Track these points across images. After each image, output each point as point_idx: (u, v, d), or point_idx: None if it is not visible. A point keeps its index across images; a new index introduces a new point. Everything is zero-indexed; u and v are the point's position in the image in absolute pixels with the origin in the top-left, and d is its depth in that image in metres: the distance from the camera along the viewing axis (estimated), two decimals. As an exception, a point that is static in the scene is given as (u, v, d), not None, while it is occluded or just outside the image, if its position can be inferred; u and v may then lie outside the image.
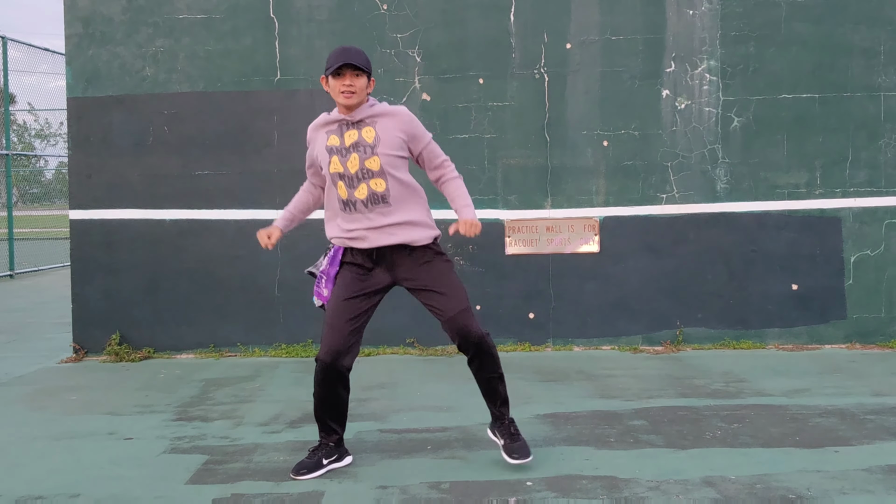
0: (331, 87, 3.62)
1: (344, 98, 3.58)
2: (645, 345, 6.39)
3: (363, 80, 3.60)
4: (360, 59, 3.57)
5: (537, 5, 6.34)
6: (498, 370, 3.76)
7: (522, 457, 3.70)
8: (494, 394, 3.80)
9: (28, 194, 29.71)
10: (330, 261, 3.79)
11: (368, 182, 3.59)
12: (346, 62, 3.54)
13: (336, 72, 3.57)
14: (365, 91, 3.62)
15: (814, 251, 6.35)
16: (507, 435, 3.79)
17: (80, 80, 6.45)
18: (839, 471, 3.65)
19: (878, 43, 6.30)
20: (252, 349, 6.44)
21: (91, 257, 6.47)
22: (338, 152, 3.63)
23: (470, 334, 3.63)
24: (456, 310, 3.62)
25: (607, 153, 6.37)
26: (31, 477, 3.77)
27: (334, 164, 3.62)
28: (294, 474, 3.66)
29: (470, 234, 3.64)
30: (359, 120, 3.63)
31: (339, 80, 3.58)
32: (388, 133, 3.63)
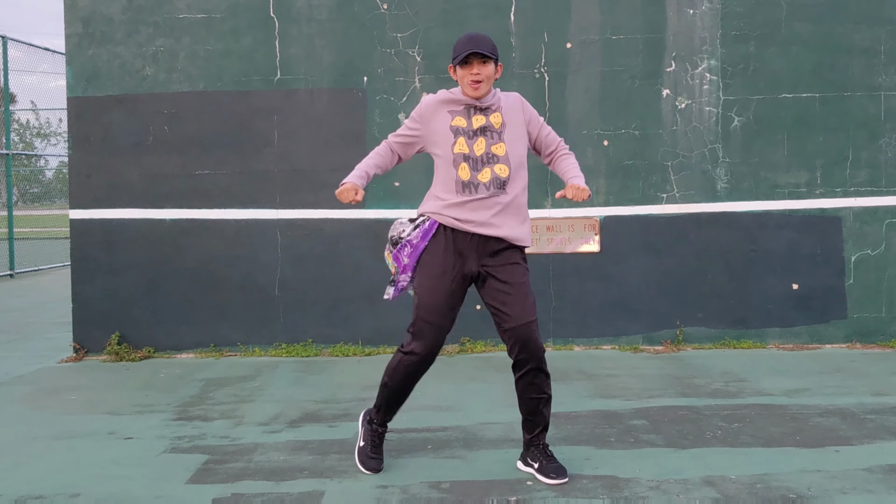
0: (458, 76, 3.57)
1: (472, 89, 3.54)
2: (645, 344, 6.39)
3: (490, 67, 3.55)
4: (487, 47, 3.51)
5: (537, 5, 6.34)
6: (548, 391, 3.62)
7: (560, 476, 3.55)
8: (538, 417, 3.63)
9: (28, 194, 29.72)
10: (422, 234, 3.61)
11: (493, 167, 3.55)
12: (473, 50, 3.48)
13: (464, 60, 3.52)
14: (493, 78, 3.58)
15: (814, 251, 6.35)
16: (542, 456, 3.64)
17: (80, 80, 6.45)
18: (840, 470, 3.65)
19: (879, 42, 6.29)
20: (252, 349, 6.44)
21: (91, 257, 6.47)
22: (465, 133, 3.57)
23: (534, 346, 3.53)
24: (527, 318, 3.53)
25: (608, 153, 6.37)
26: (32, 476, 3.77)
27: (460, 145, 3.55)
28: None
29: (578, 198, 3.53)
30: (487, 106, 3.60)
31: (466, 68, 3.53)
32: (514, 121, 3.63)
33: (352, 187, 3.58)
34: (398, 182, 6.37)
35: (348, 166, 6.50)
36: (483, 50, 3.49)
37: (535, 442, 3.68)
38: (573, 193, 3.55)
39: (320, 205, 6.40)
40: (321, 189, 6.38)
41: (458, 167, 3.55)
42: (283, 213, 6.42)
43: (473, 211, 3.54)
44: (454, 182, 3.56)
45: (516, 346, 3.54)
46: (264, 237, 6.43)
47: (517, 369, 3.59)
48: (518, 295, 3.55)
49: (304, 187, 6.41)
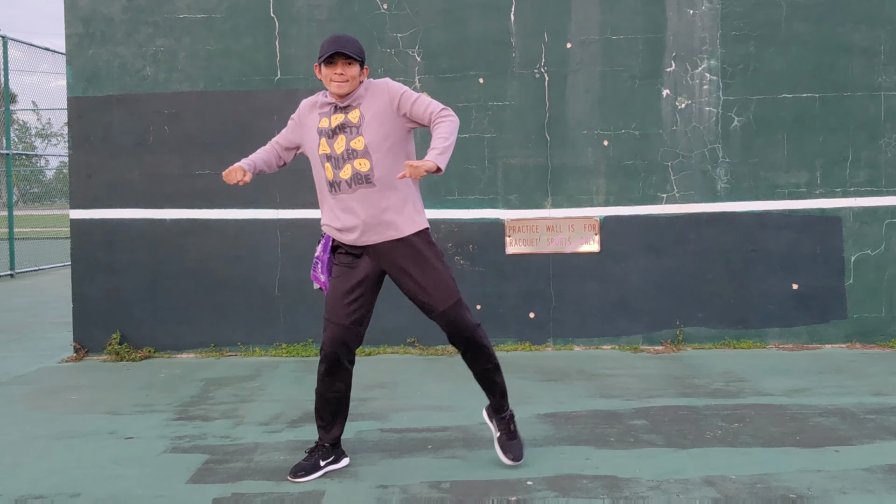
0: (323, 75, 3.60)
1: (335, 87, 3.56)
2: (645, 344, 6.39)
3: (355, 68, 3.57)
4: (351, 48, 3.54)
5: (537, 5, 6.34)
6: (492, 361, 3.76)
7: (516, 457, 3.75)
8: (492, 385, 3.81)
9: (29, 194, 29.71)
10: (323, 247, 3.80)
11: (353, 162, 3.58)
12: (337, 50, 3.51)
13: (328, 60, 3.55)
14: (357, 79, 3.59)
15: (814, 251, 6.35)
16: (504, 430, 3.82)
17: (80, 80, 6.45)
18: (840, 470, 3.65)
19: (879, 42, 6.29)
20: (252, 349, 6.44)
21: (91, 257, 6.47)
22: (326, 134, 3.62)
23: (462, 326, 3.64)
24: (446, 303, 3.61)
25: (608, 153, 6.37)
26: (32, 476, 3.77)
27: (322, 146, 3.62)
28: (291, 477, 3.65)
29: (412, 175, 3.35)
30: (347, 104, 3.62)
31: (330, 68, 3.56)
32: (373, 109, 3.60)
33: (240, 168, 3.64)
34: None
35: (348, 166, 6.51)
36: (348, 51, 3.51)
37: (500, 407, 3.85)
38: (408, 171, 3.35)
39: (320, 205, 6.40)
40: (321, 189, 6.38)
41: (323, 167, 3.64)
42: (283, 213, 6.42)
43: (345, 212, 3.63)
44: (325, 183, 3.67)
45: (446, 330, 3.68)
46: (265, 237, 6.43)
47: (457, 349, 3.74)
48: (430, 282, 3.61)
49: (305, 187, 6.38)
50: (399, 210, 3.62)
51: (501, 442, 3.81)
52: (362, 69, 3.63)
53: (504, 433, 3.82)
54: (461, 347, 3.71)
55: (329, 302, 3.70)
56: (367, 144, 3.56)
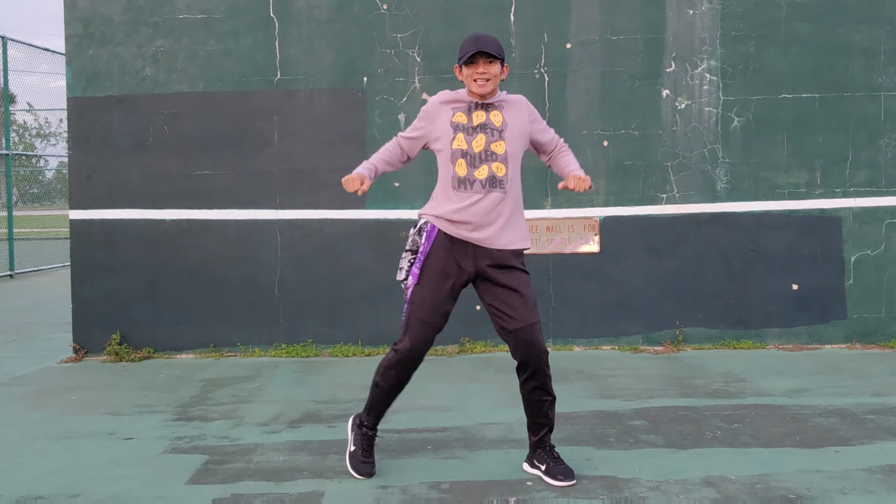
0: (464, 75, 3.57)
1: (478, 86, 3.54)
2: (645, 345, 6.39)
3: (496, 66, 3.56)
4: (493, 47, 3.53)
5: (537, 5, 6.34)
6: (552, 393, 3.63)
7: (568, 479, 3.55)
8: (543, 419, 3.64)
9: (28, 194, 29.72)
10: (426, 237, 3.61)
11: (491, 164, 3.54)
12: (479, 49, 3.49)
13: (469, 60, 3.53)
14: (498, 78, 3.58)
15: (814, 251, 6.35)
16: (549, 458, 3.64)
17: (80, 80, 6.45)
18: (839, 471, 3.65)
19: (878, 43, 6.29)
20: (252, 349, 6.44)
21: (91, 257, 6.47)
22: (464, 130, 3.57)
23: (537, 349, 3.52)
24: (530, 320, 3.52)
25: (607, 153, 6.37)
26: (31, 477, 3.77)
27: (458, 141, 3.56)
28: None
29: (580, 188, 3.55)
30: (489, 103, 3.60)
31: (472, 67, 3.54)
32: (515, 120, 3.61)
33: (358, 177, 3.59)
34: (398, 182, 6.37)
35: (348, 167, 6.49)
36: (489, 49, 3.50)
37: (542, 444, 3.67)
38: (574, 183, 3.56)
39: (320, 205, 6.41)
40: (321, 189, 6.39)
41: (455, 163, 3.56)
42: (283, 213, 6.42)
43: (470, 211, 3.53)
44: (452, 179, 3.57)
45: (519, 349, 3.53)
46: (264, 237, 6.43)
47: (521, 372, 3.59)
48: (519, 297, 3.54)
49: (305, 188, 6.41)
50: (517, 223, 3.62)
51: (550, 471, 3.60)
52: (503, 67, 3.61)
53: (550, 462, 3.63)
54: (528, 370, 3.56)
55: (428, 303, 3.56)
56: (508, 152, 3.55)
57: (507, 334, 3.55)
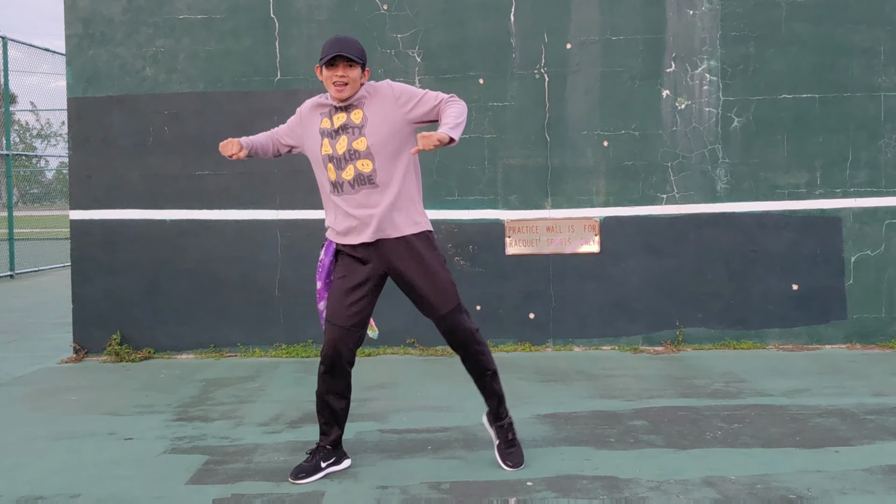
0: (324, 77, 3.59)
1: (336, 90, 3.55)
2: (645, 345, 6.39)
3: (357, 70, 3.56)
4: (353, 50, 3.53)
5: (537, 5, 6.34)
6: (490, 367, 3.76)
7: (515, 464, 3.74)
8: (490, 391, 3.81)
9: (28, 194, 29.71)
10: (325, 250, 3.79)
11: (355, 163, 3.57)
12: (338, 53, 3.50)
13: (329, 62, 3.53)
14: (358, 82, 3.58)
15: (814, 251, 6.35)
16: (503, 437, 3.82)
17: (80, 81, 6.45)
18: (839, 471, 3.65)
19: (879, 43, 6.30)
20: (252, 349, 6.44)
21: (91, 257, 6.47)
22: (328, 135, 3.62)
23: (461, 331, 3.65)
24: (445, 308, 3.63)
25: (607, 153, 6.37)
26: (32, 477, 3.77)
27: (325, 147, 3.61)
28: (293, 479, 3.64)
29: (426, 146, 3.31)
30: (348, 104, 3.60)
31: (332, 70, 3.54)
32: (377, 114, 3.58)
33: (237, 142, 3.65)
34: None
35: (348, 167, 6.50)
36: (348, 53, 3.50)
37: (499, 418, 3.83)
38: (422, 143, 3.32)
39: (320, 205, 6.36)
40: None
41: (326, 168, 3.63)
42: (283, 213, 6.42)
43: (347, 213, 3.61)
44: (326, 183, 3.66)
45: (445, 335, 3.69)
46: (264, 238, 6.43)
47: (456, 353, 3.75)
48: (430, 287, 3.62)
49: (305, 188, 6.40)
50: (401, 209, 3.61)
51: (500, 449, 3.81)
52: (363, 71, 3.61)
53: (502, 441, 3.82)
54: (459, 352, 3.73)
55: (330, 304, 3.68)
56: (370, 146, 3.55)
57: (432, 321, 3.68)
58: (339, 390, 3.70)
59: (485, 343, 3.75)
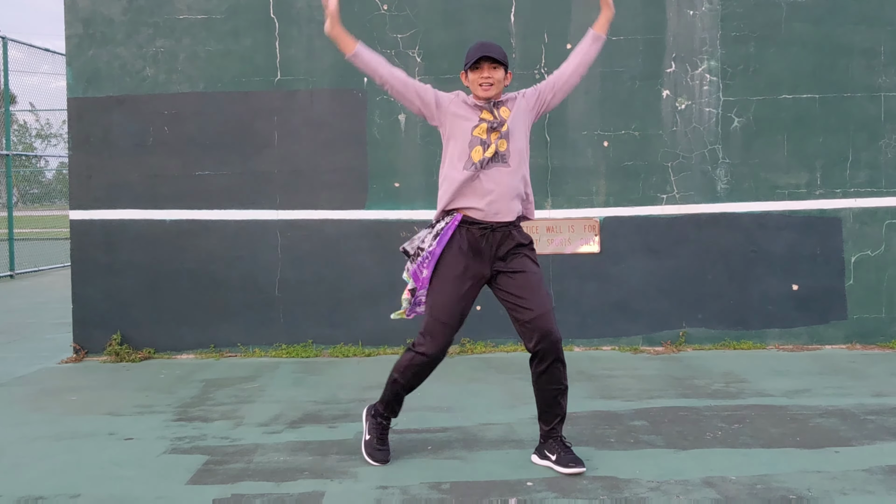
0: (470, 80, 3.73)
1: (482, 90, 3.69)
2: (645, 345, 6.39)
3: (500, 72, 3.71)
4: (497, 52, 3.68)
5: (537, 5, 6.34)
6: (565, 381, 3.73)
7: (579, 465, 3.67)
8: (555, 408, 3.75)
9: (28, 194, 29.72)
10: (438, 241, 3.72)
11: (497, 143, 3.68)
12: (484, 55, 3.65)
13: (474, 65, 3.68)
14: (502, 83, 3.74)
15: (814, 251, 6.35)
16: (560, 448, 3.75)
17: (80, 81, 6.45)
18: (840, 471, 3.65)
19: (879, 43, 6.29)
20: (252, 349, 6.44)
21: (91, 257, 6.47)
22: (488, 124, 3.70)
23: (553, 337, 3.62)
24: (545, 309, 3.64)
25: (607, 153, 6.37)
26: (32, 477, 3.77)
27: (484, 134, 3.68)
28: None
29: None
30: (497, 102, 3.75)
31: (477, 72, 3.69)
32: (519, 109, 3.77)
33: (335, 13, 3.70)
34: (398, 183, 6.37)
35: (348, 167, 6.53)
36: (493, 55, 3.65)
37: (553, 434, 3.78)
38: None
39: (320, 205, 6.41)
40: (321, 190, 6.39)
41: (472, 149, 3.69)
42: (283, 213, 6.42)
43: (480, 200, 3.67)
44: (462, 166, 3.69)
45: (535, 337, 3.63)
46: (264, 238, 6.43)
47: (536, 360, 3.69)
48: (532, 287, 3.67)
49: (305, 188, 6.41)
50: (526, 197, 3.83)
51: (561, 461, 3.71)
52: (506, 74, 3.75)
53: (561, 451, 3.74)
54: (543, 359, 3.66)
55: (445, 304, 3.68)
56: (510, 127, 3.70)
57: (524, 324, 3.67)
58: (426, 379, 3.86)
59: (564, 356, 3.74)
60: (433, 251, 3.70)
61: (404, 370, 3.78)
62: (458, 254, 3.68)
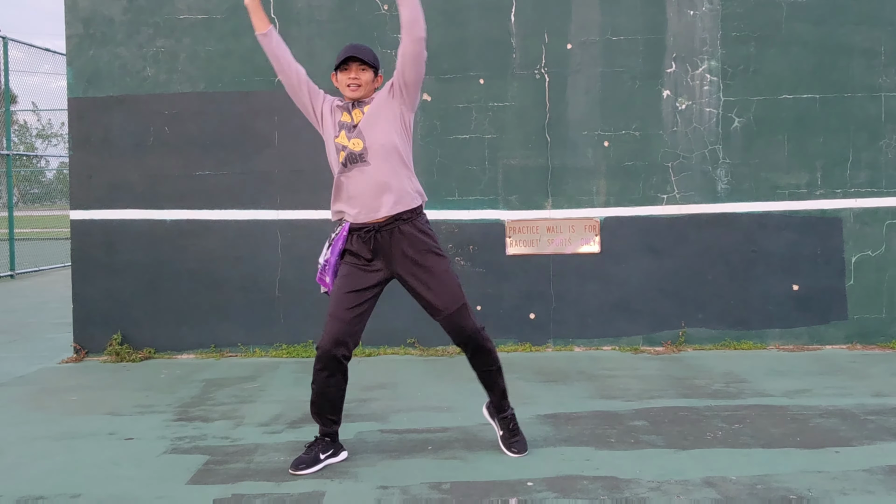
0: (339, 81, 3.80)
1: (350, 91, 3.77)
2: (646, 345, 6.39)
3: (369, 74, 3.76)
4: (365, 54, 3.75)
5: (538, 5, 6.34)
6: (495, 363, 3.90)
7: (520, 451, 3.88)
8: (494, 385, 3.93)
9: (29, 194, 29.71)
10: (331, 250, 3.88)
11: (351, 144, 3.74)
12: (351, 55, 3.71)
13: (342, 66, 3.74)
14: (371, 85, 3.78)
15: (814, 252, 6.35)
16: (506, 428, 3.95)
17: (80, 81, 6.45)
18: (840, 471, 3.65)
19: (879, 43, 6.29)
20: (252, 349, 6.44)
21: (92, 257, 6.47)
22: (345, 127, 3.77)
23: (468, 330, 3.78)
24: (451, 308, 3.75)
25: (608, 153, 6.37)
26: (32, 477, 3.77)
27: (341, 138, 3.76)
28: (293, 470, 3.71)
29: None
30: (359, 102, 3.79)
31: (345, 73, 3.76)
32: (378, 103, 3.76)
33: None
34: (399, 183, 6.37)
35: (349, 167, 6.49)
36: (361, 56, 3.71)
37: (501, 408, 3.96)
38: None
39: (321, 205, 6.40)
40: (322, 190, 6.36)
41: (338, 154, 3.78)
42: (283, 213, 6.42)
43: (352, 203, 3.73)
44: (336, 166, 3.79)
45: (451, 334, 3.80)
46: (265, 238, 6.43)
47: (463, 351, 3.87)
48: (436, 285, 3.73)
49: (305, 188, 6.41)
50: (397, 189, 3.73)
51: (504, 439, 3.95)
52: (376, 76, 3.79)
53: (506, 431, 3.96)
54: (465, 350, 3.85)
55: (333, 298, 3.81)
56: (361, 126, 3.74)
57: (437, 321, 3.80)
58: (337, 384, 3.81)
59: (490, 340, 3.87)
60: (329, 259, 3.87)
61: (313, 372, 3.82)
62: (350, 259, 3.80)
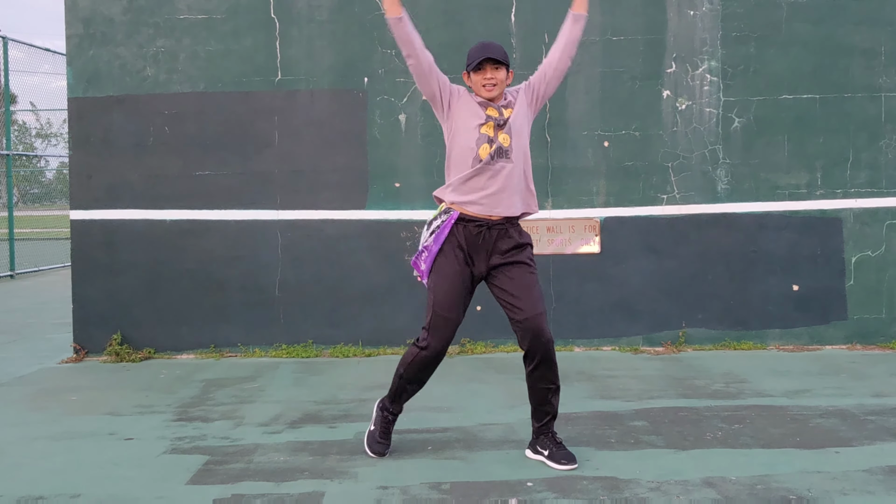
0: (473, 81, 3.80)
1: (486, 91, 3.76)
2: (646, 345, 6.39)
3: (503, 72, 3.77)
4: (498, 53, 3.74)
5: (538, 5, 6.34)
6: (556, 381, 3.81)
7: (571, 462, 3.74)
8: (547, 406, 3.83)
9: (29, 194, 29.71)
10: (435, 238, 3.82)
11: (501, 139, 3.74)
12: (486, 56, 3.71)
13: (477, 66, 3.74)
14: (504, 83, 3.80)
15: (814, 252, 6.35)
16: (552, 444, 3.83)
17: (80, 81, 6.45)
18: (840, 472, 3.65)
19: (879, 44, 6.29)
20: (252, 349, 6.44)
21: (91, 257, 6.47)
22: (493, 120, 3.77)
23: (543, 338, 3.70)
24: (536, 310, 3.71)
25: (608, 154, 6.37)
26: (32, 477, 3.77)
27: (489, 128, 3.75)
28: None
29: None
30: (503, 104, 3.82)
31: (480, 73, 3.76)
32: (521, 106, 3.83)
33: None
34: (399, 183, 6.37)
35: (349, 167, 6.53)
36: (495, 56, 3.73)
37: (545, 430, 3.84)
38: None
39: (321, 206, 6.41)
40: (322, 190, 6.39)
41: (479, 146, 3.74)
42: (283, 213, 6.42)
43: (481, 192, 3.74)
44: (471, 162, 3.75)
45: (526, 337, 3.71)
46: (265, 238, 6.43)
47: (527, 360, 3.77)
48: (526, 287, 3.73)
49: (305, 188, 6.41)
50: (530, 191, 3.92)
51: (554, 457, 3.79)
52: (508, 73, 3.80)
53: (553, 447, 3.82)
54: (535, 359, 3.74)
55: (447, 299, 3.76)
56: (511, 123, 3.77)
57: (516, 324, 3.74)
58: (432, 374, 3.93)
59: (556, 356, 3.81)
60: (429, 247, 3.81)
61: (409, 365, 3.86)
62: (454, 250, 3.77)
